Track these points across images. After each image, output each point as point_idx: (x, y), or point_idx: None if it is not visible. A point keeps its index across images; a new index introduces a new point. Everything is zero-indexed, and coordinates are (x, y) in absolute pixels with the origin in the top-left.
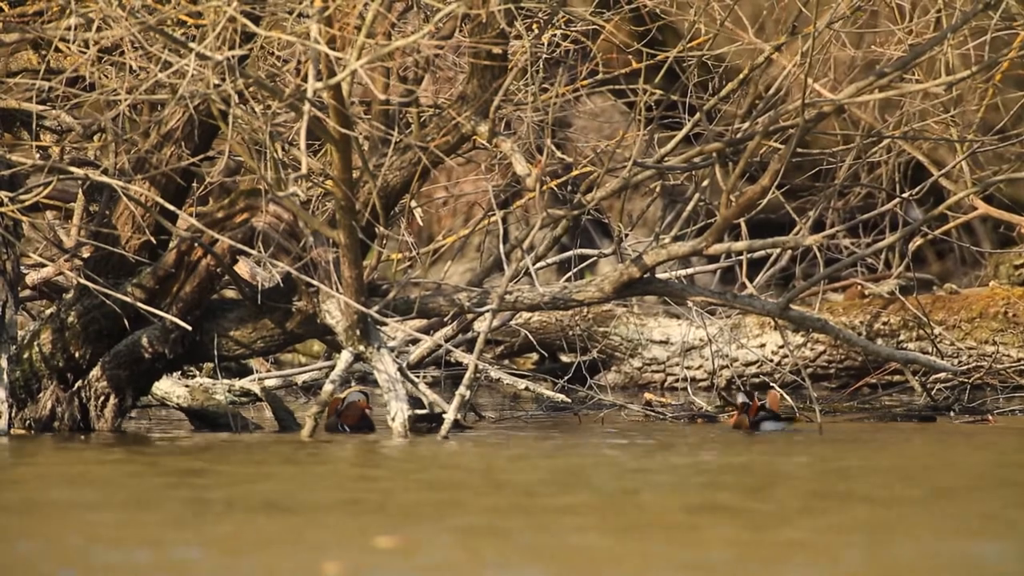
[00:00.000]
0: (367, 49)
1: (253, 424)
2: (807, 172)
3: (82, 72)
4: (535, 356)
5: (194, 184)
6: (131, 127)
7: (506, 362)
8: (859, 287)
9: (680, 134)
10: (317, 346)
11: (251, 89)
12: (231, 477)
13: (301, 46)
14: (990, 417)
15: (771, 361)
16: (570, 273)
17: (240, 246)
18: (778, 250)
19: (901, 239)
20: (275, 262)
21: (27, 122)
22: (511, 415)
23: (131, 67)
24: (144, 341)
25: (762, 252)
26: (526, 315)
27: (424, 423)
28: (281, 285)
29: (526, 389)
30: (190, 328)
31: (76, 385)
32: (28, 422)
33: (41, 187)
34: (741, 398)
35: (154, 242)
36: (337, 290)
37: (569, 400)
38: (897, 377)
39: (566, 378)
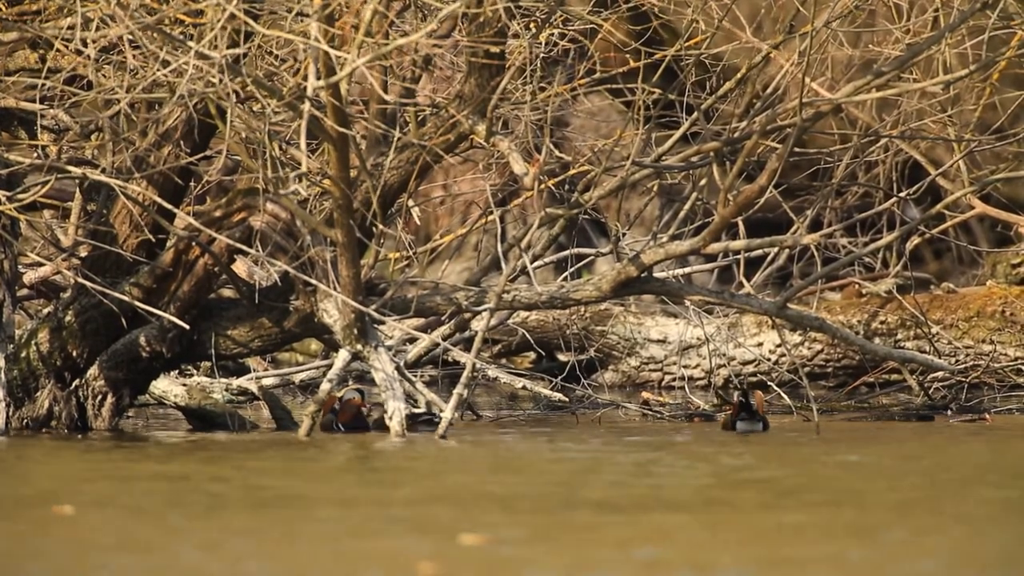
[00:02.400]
0: (366, 48)
1: (250, 423)
2: (805, 171)
3: (80, 71)
4: (532, 355)
5: (192, 183)
6: (129, 126)
7: (503, 361)
8: (856, 286)
9: (678, 133)
10: (315, 345)
11: (249, 88)
12: (243, 475)
13: (301, 45)
14: (987, 416)
15: (768, 360)
16: (567, 272)
17: (238, 245)
18: (776, 249)
19: (898, 238)
20: (273, 261)
21: (25, 121)
22: (509, 414)
23: (129, 66)
24: (142, 340)
25: (760, 251)
26: (524, 314)
27: (420, 421)
28: (279, 284)
29: (523, 388)
30: (188, 327)
31: (74, 384)
32: (25, 421)
33: (39, 186)
34: (737, 395)
35: (152, 241)
36: (335, 289)
37: (567, 399)
38: (895, 376)
39: (560, 377)
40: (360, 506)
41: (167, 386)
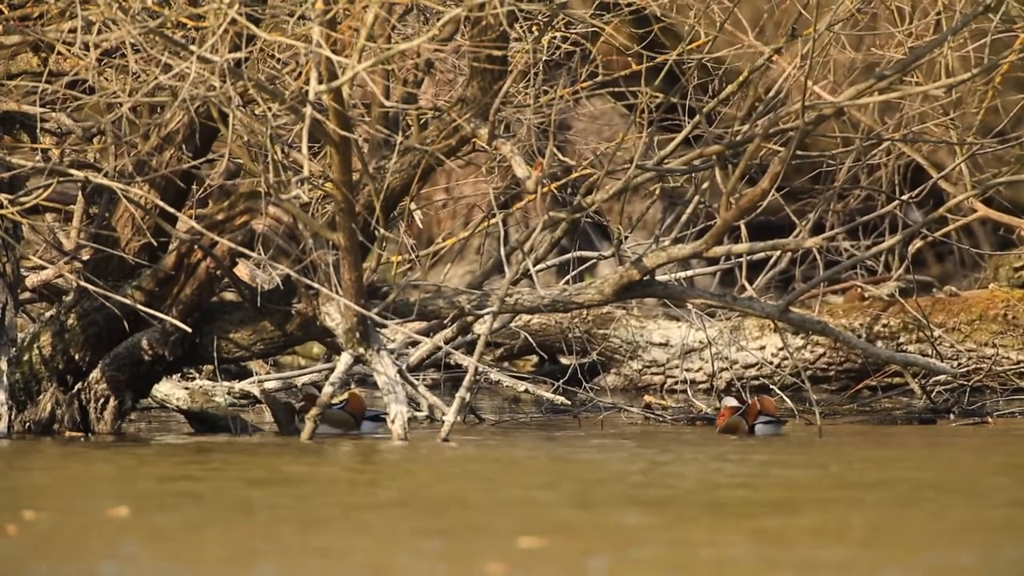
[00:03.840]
0: (368, 52)
1: (252, 427)
2: (807, 174)
3: (83, 75)
4: (535, 358)
5: (194, 186)
6: (131, 130)
7: (506, 364)
8: (859, 289)
9: (680, 136)
10: (317, 348)
11: (251, 92)
12: (269, 479)
13: (303, 49)
14: (990, 419)
15: (771, 363)
16: (570, 275)
17: (240, 248)
18: (778, 252)
19: (901, 241)
20: (275, 264)
21: (27, 124)
22: (511, 418)
23: (132, 70)
24: (144, 343)
25: (762, 254)
26: (526, 317)
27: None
28: (281, 287)
29: (526, 391)
30: (190, 330)
31: (76, 387)
32: (28, 424)
33: (41, 189)
34: (732, 402)
35: (154, 244)
36: (337, 292)
37: (569, 402)
38: (897, 379)
39: (562, 380)
40: (398, 509)
41: (169, 389)
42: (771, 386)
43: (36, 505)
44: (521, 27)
